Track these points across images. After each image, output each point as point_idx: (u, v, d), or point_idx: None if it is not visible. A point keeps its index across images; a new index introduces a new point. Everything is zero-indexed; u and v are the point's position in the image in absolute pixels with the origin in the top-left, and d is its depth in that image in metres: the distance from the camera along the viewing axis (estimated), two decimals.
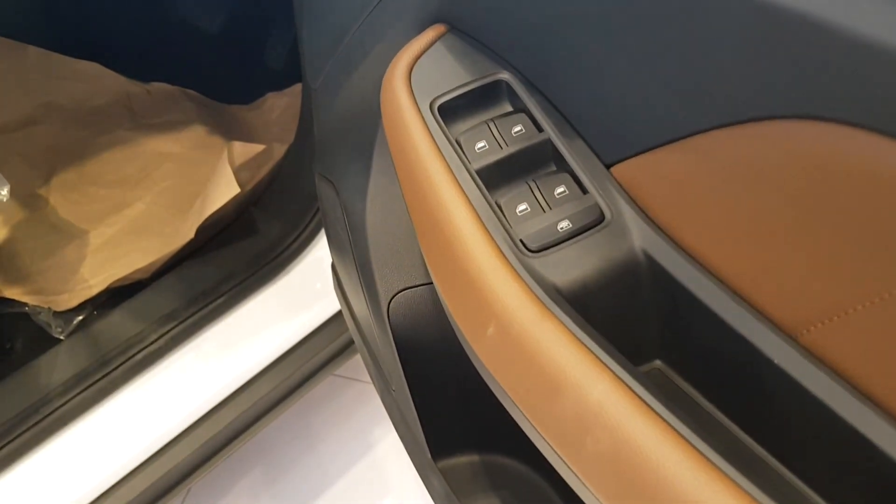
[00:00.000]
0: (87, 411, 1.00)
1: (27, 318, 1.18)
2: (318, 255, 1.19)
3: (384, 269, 0.75)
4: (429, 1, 0.58)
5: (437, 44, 0.56)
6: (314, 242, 1.19)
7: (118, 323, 1.10)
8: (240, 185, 1.17)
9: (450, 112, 0.54)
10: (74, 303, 1.19)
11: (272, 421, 1.13)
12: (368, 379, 1.37)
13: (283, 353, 1.13)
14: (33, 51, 1.48)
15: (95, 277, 1.23)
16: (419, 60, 0.56)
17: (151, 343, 1.05)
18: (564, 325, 0.43)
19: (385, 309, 0.74)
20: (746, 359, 0.42)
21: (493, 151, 0.52)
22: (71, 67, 1.50)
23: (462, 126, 0.54)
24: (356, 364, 1.40)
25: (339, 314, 1.19)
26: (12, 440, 0.95)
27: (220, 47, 1.54)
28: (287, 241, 1.18)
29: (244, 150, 1.22)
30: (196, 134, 1.46)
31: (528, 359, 0.43)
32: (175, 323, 1.07)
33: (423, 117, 0.53)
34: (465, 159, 0.52)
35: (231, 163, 1.19)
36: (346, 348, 1.19)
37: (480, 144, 0.52)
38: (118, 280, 1.18)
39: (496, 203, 0.50)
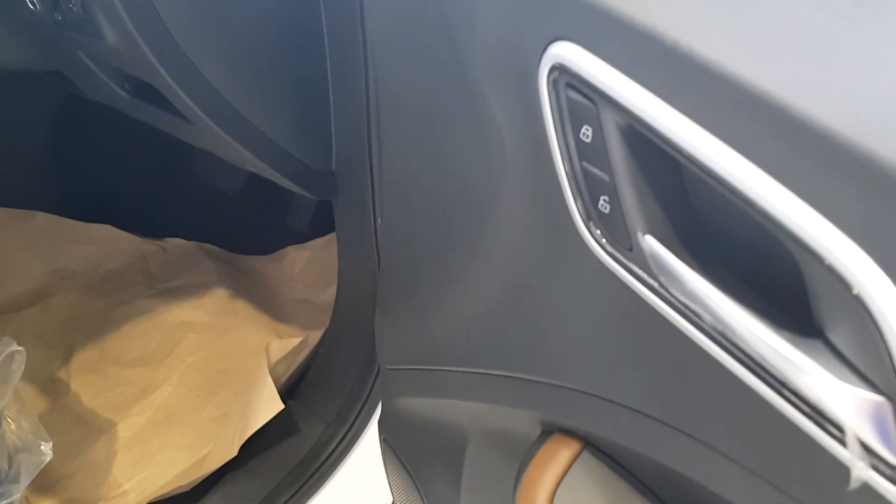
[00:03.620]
0: None
1: None
2: (361, 454, 1.15)
3: None
4: (554, 407, 0.55)
5: (576, 468, 0.53)
6: (357, 442, 1.15)
7: None
8: (275, 378, 1.14)
9: None
10: None
11: None
12: None
13: None
14: (42, 217, 1.43)
15: (130, 481, 1.18)
16: (559, 492, 0.53)
17: None
18: None
19: None
20: None
21: None
22: (82, 232, 1.44)
23: None
24: None
25: None
26: None
27: (238, 204, 1.50)
28: (332, 444, 1.14)
29: (281, 347, 1.19)
30: (218, 298, 1.41)
31: None
32: None
33: None
34: None
35: (269, 363, 1.15)
36: None
37: None
38: (157, 497, 1.13)
39: None
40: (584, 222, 0.43)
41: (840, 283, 0.32)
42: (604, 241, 0.43)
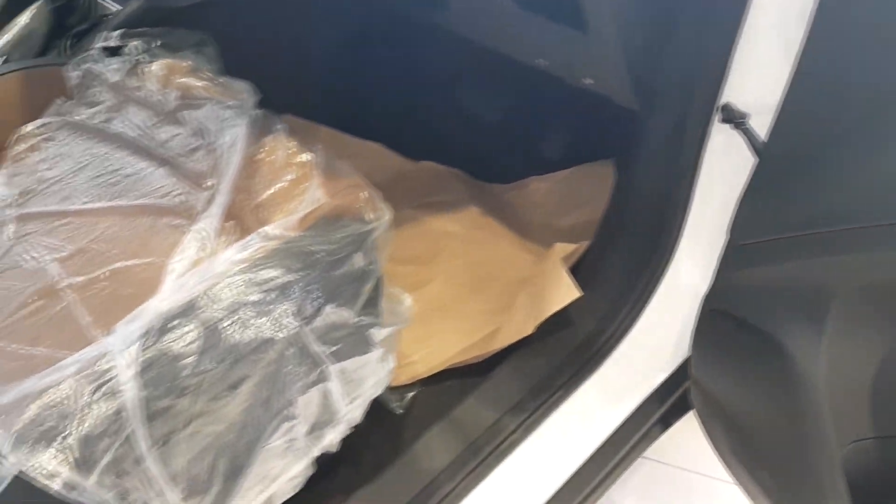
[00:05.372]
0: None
1: None
2: (624, 351, 1.32)
3: (840, 417, 0.88)
4: None
5: None
6: (625, 336, 1.32)
7: (471, 408, 1.23)
8: None
9: None
10: (403, 379, 1.33)
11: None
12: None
13: (605, 438, 1.27)
14: (325, 130, 1.63)
15: (416, 353, 1.36)
16: None
17: (513, 432, 1.18)
18: None
19: (839, 459, 0.87)
20: None
21: None
22: (356, 147, 1.64)
23: None
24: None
25: (645, 403, 1.32)
26: None
27: (493, 134, 1.68)
28: (602, 337, 1.31)
29: (563, 250, 1.35)
30: (471, 214, 1.60)
31: None
32: (528, 413, 1.20)
33: None
34: None
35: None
36: (650, 431, 1.33)
37: None
38: (443, 368, 1.30)
39: None
40: None
41: None
42: None
